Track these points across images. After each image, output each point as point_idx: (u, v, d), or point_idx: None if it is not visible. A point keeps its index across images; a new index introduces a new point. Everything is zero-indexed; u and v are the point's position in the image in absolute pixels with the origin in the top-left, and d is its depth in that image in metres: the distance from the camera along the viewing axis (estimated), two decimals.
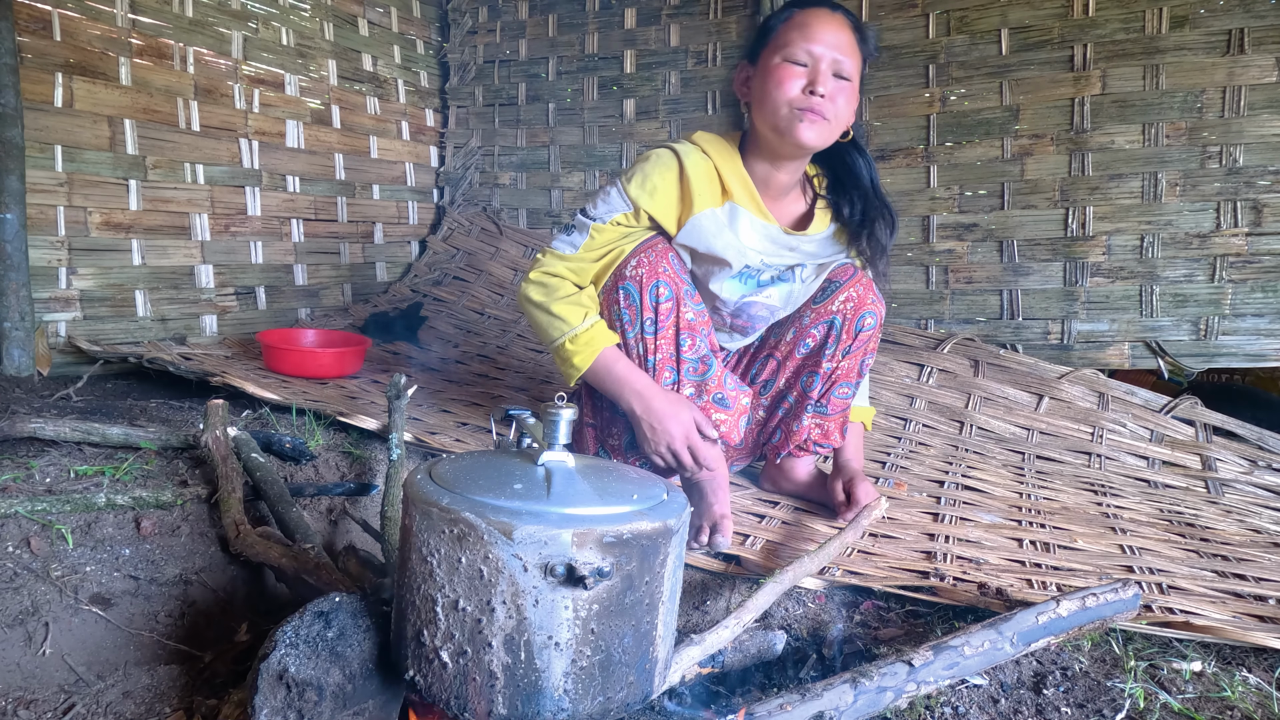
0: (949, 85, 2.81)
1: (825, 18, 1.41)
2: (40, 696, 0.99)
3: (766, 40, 1.46)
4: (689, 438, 1.47)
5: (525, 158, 3.60)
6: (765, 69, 1.44)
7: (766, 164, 1.52)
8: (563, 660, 0.81)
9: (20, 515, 1.27)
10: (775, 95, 1.41)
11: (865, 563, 1.42)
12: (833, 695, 0.88)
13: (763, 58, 1.46)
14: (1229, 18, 2.45)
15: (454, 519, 0.80)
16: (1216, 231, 2.49)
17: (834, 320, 1.59)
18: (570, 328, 1.46)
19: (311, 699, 0.84)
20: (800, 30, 1.40)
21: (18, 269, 2.23)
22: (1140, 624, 1.17)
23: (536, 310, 1.50)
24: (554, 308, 1.47)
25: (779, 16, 1.47)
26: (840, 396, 1.65)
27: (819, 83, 1.39)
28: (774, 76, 1.41)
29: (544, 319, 1.49)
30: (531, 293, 1.50)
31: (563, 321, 1.47)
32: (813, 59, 1.39)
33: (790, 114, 1.40)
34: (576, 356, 1.47)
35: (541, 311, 1.49)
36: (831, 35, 1.39)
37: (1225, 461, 2.13)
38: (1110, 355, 2.61)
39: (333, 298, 3.19)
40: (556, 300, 1.48)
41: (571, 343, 1.47)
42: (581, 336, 1.47)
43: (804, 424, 1.65)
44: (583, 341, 1.47)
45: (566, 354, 1.48)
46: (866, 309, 1.59)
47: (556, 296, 1.48)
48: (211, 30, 2.77)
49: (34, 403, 1.99)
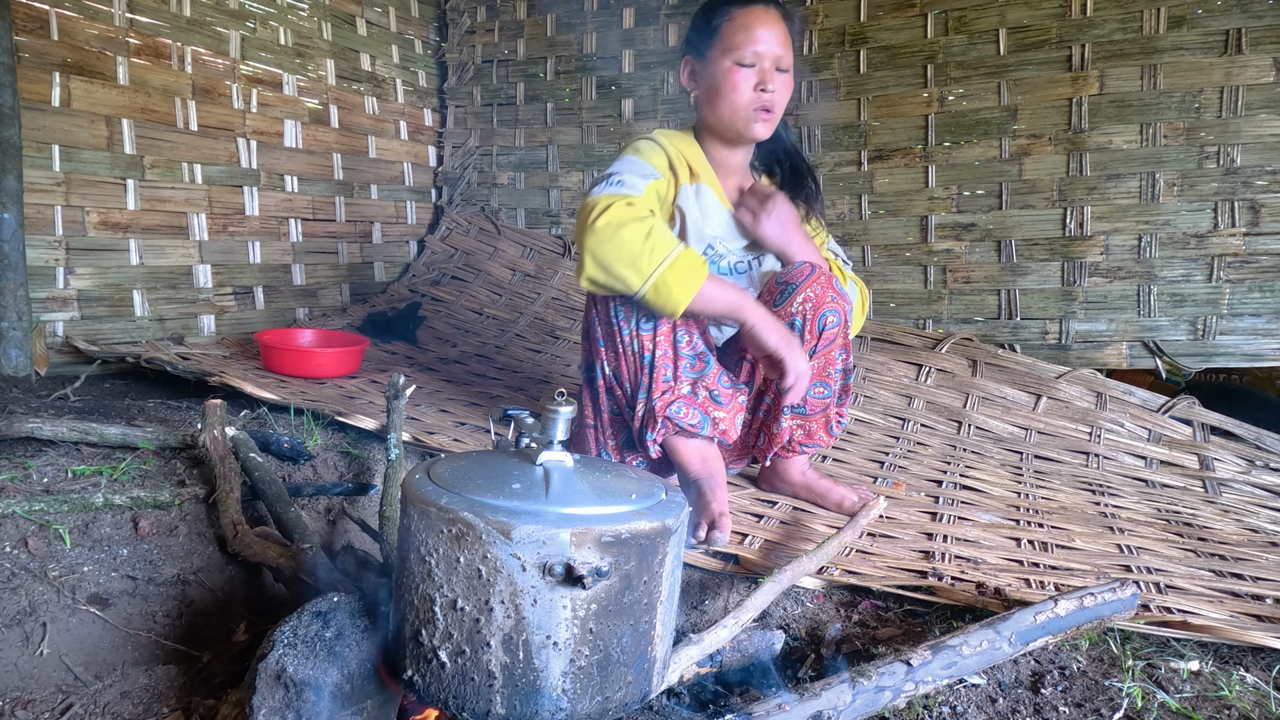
0: (947, 85, 2.81)
1: (764, 16, 1.53)
2: (38, 696, 0.99)
3: (711, 40, 1.56)
4: (795, 341, 1.47)
5: (523, 157, 3.60)
6: (716, 71, 1.55)
7: (722, 148, 1.63)
8: (561, 660, 0.81)
9: (18, 515, 1.27)
10: (732, 98, 1.54)
11: (863, 562, 1.42)
12: (831, 695, 0.88)
13: (711, 58, 1.56)
14: (1226, 18, 2.46)
15: (452, 519, 0.80)
16: (1214, 231, 2.49)
17: (794, 322, 1.57)
18: (677, 244, 1.38)
19: (309, 699, 0.84)
20: (745, 33, 1.52)
21: (15, 269, 2.23)
22: (1138, 623, 1.17)
23: (633, 231, 1.35)
24: (657, 227, 1.37)
25: (719, 14, 1.56)
26: (817, 396, 1.64)
27: (768, 81, 1.53)
28: (728, 80, 1.53)
29: (644, 240, 1.35)
30: (618, 216, 1.36)
31: (669, 239, 1.38)
32: (759, 59, 1.52)
33: (747, 115, 1.54)
34: (694, 267, 1.38)
35: (640, 231, 1.35)
36: (772, 33, 1.53)
37: (1223, 461, 2.13)
38: (1108, 355, 2.61)
39: (331, 298, 3.18)
40: (656, 221, 1.38)
41: (687, 255, 1.37)
42: (691, 252, 1.39)
43: (783, 425, 1.65)
44: (694, 256, 1.39)
45: (684, 267, 1.37)
46: (826, 308, 1.57)
47: (652, 219, 1.39)
48: (209, 30, 2.77)
49: (31, 402, 1.98)
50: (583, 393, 1.66)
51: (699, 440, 1.55)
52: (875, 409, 2.41)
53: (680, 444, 1.55)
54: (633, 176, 1.47)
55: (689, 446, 1.55)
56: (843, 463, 2.06)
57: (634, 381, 1.52)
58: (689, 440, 1.55)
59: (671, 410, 1.51)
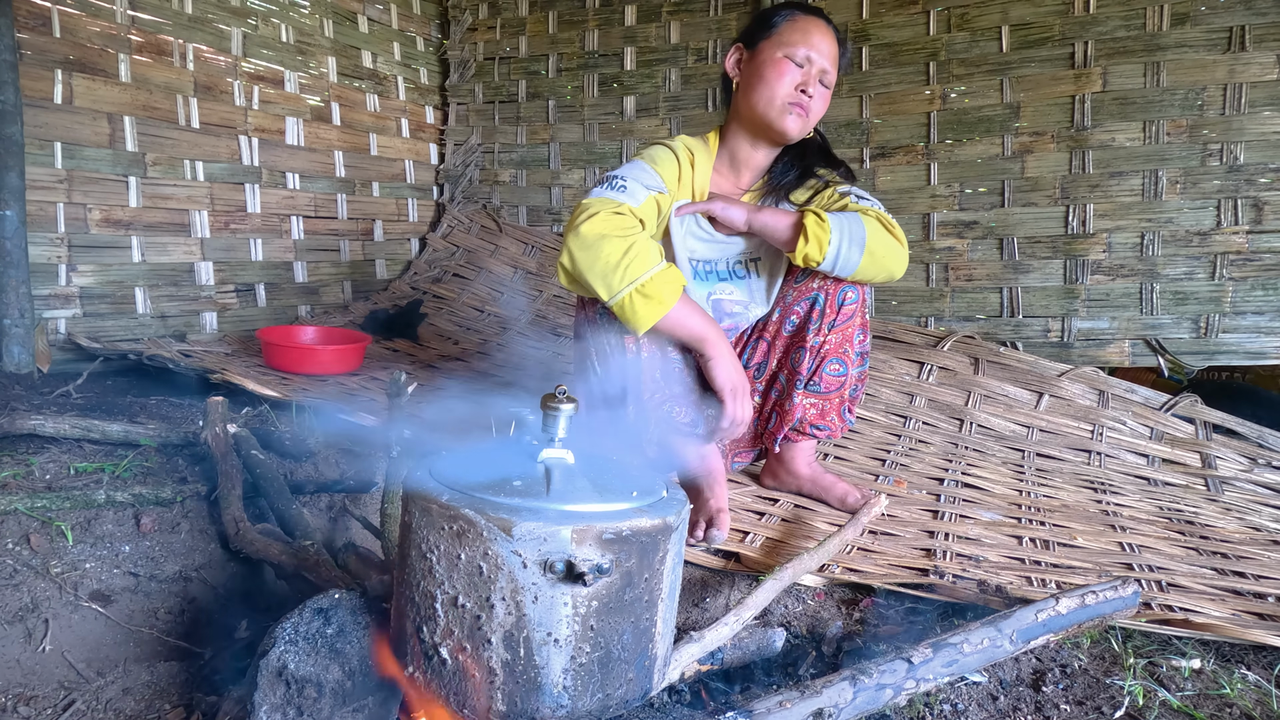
0: (949, 82, 2.81)
1: (825, 30, 1.57)
2: (40, 693, 1.00)
3: (768, 33, 1.57)
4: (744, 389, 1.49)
5: (525, 155, 3.59)
6: (766, 59, 1.56)
7: (747, 143, 1.63)
8: (562, 657, 0.81)
9: (20, 512, 1.27)
10: (774, 85, 1.54)
11: (865, 560, 1.42)
12: (832, 692, 0.88)
13: (763, 48, 1.57)
14: (1230, 15, 2.45)
15: (453, 515, 0.80)
16: (1217, 229, 2.49)
17: (816, 296, 1.60)
18: (656, 263, 1.39)
19: (311, 695, 0.84)
20: (803, 34, 1.55)
21: (17, 266, 2.23)
22: (1139, 621, 1.17)
23: (613, 244, 1.36)
24: (639, 243, 1.38)
25: (782, 14, 1.58)
26: (833, 374, 1.64)
27: (810, 84, 1.55)
28: (776, 68, 1.54)
29: (620, 257, 1.36)
30: (603, 226, 1.37)
31: (648, 257, 1.38)
32: (809, 62, 1.55)
33: (783, 105, 1.55)
34: (665, 292, 1.39)
35: (620, 247, 1.36)
36: (827, 46, 1.56)
37: (1225, 459, 2.13)
38: (1110, 353, 2.61)
39: (332, 295, 3.19)
40: (640, 237, 1.39)
41: (661, 278, 1.39)
42: (670, 273, 1.40)
43: (796, 402, 1.64)
44: (671, 278, 1.40)
45: (653, 290, 1.38)
46: (846, 283, 1.60)
47: (637, 233, 1.40)
48: (211, 27, 2.77)
49: (34, 400, 1.99)
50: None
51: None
52: (877, 406, 2.40)
53: (676, 442, 1.55)
54: (636, 184, 1.47)
55: (684, 444, 1.55)
56: (844, 460, 2.06)
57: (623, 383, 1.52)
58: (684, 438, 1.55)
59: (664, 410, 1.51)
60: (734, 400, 1.46)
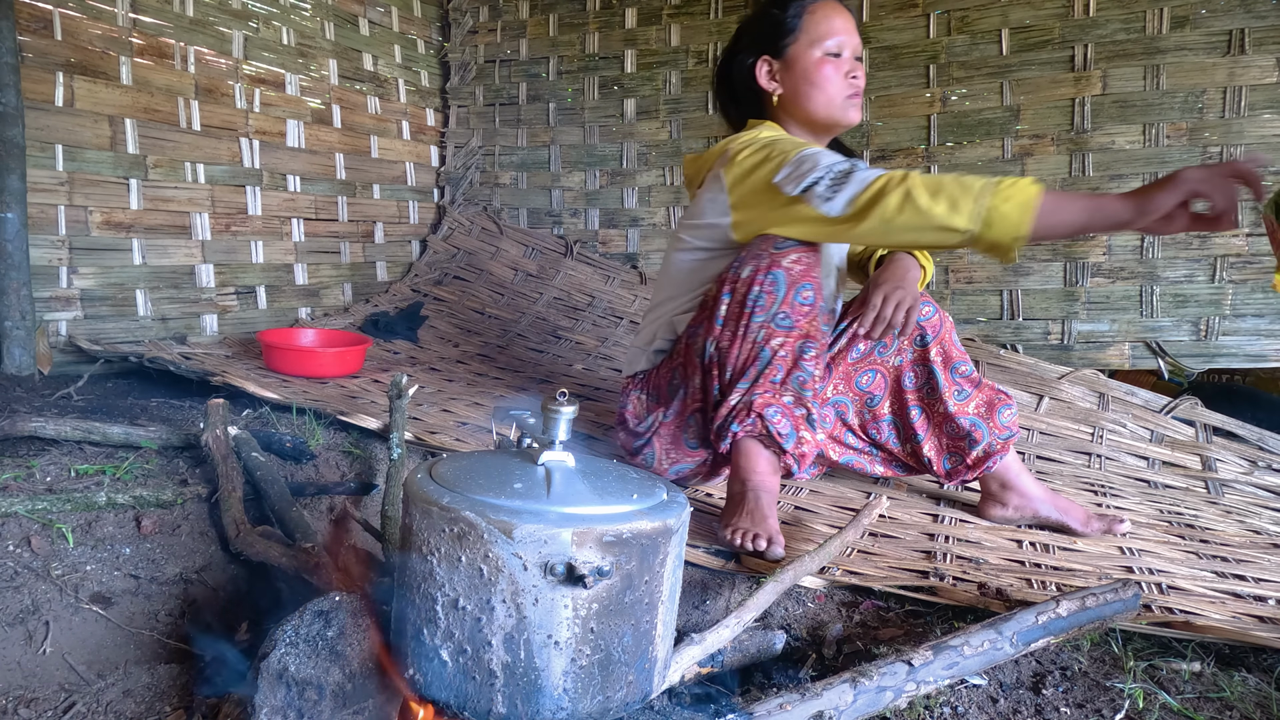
0: (950, 85, 2.81)
1: (841, 10, 1.62)
2: (41, 695, 1.00)
3: (791, 35, 1.60)
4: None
5: (526, 157, 3.60)
6: (806, 64, 1.60)
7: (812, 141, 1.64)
8: (562, 659, 0.81)
9: (21, 514, 1.28)
10: (829, 90, 1.59)
11: (865, 562, 1.42)
12: (832, 695, 0.88)
13: (793, 53, 1.61)
14: (1230, 18, 2.45)
15: (454, 518, 0.81)
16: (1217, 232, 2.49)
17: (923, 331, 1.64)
18: (985, 181, 1.28)
19: (311, 698, 0.84)
20: (828, 23, 1.59)
21: (18, 268, 2.23)
22: (1140, 624, 1.17)
23: (939, 179, 1.29)
24: (947, 179, 1.29)
25: (792, 10, 1.60)
26: (965, 374, 1.64)
27: (855, 70, 1.61)
28: (821, 73, 1.59)
29: (953, 185, 1.28)
30: (916, 183, 1.30)
31: (976, 179, 1.28)
32: (843, 48, 1.59)
33: (844, 103, 1.60)
34: (1020, 194, 1.26)
35: (946, 179, 1.29)
36: (849, 23, 1.61)
37: (1225, 462, 2.13)
38: (1110, 355, 2.61)
39: (333, 297, 3.19)
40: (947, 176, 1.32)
41: (1006, 183, 1.27)
42: (1013, 179, 1.27)
43: (952, 408, 1.61)
44: (1019, 181, 1.27)
45: (1008, 194, 1.26)
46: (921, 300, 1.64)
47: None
48: (212, 30, 2.77)
49: (35, 402, 1.99)
50: (659, 370, 1.67)
51: (771, 452, 1.52)
52: None
53: (755, 448, 1.50)
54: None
55: (762, 454, 1.51)
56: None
57: (740, 369, 1.50)
58: (764, 448, 1.51)
59: (768, 411, 1.48)
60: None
